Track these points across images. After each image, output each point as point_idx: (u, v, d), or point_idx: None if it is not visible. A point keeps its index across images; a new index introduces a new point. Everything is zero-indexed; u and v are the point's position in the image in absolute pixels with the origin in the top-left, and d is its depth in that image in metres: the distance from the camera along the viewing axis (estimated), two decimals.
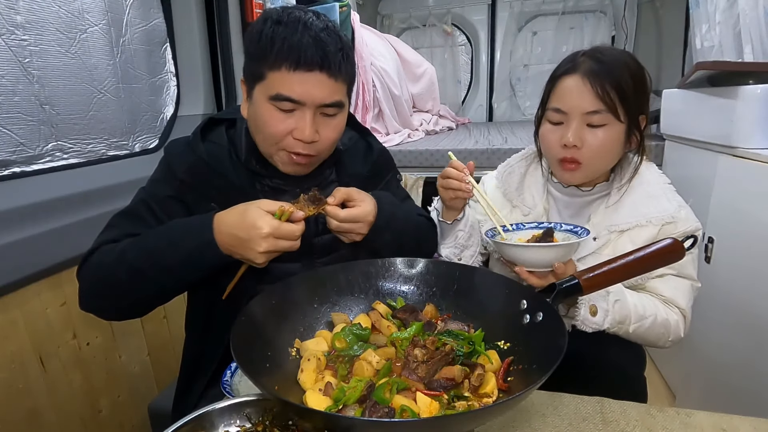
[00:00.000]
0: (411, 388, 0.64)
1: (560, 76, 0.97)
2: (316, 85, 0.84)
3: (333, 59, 0.84)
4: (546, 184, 1.09)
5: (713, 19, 1.73)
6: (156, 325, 1.62)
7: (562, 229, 0.97)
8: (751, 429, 0.70)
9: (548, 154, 1.02)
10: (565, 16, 3.84)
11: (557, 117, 0.96)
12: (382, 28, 4.17)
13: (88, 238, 0.91)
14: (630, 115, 0.93)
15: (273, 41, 0.83)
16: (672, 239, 0.77)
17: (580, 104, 0.93)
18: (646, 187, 0.99)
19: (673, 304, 0.96)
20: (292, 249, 0.80)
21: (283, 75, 0.83)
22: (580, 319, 0.87)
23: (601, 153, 0.94)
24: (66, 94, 1.36)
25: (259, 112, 0.87)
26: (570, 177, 0.99)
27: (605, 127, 0.93)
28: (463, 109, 4.29)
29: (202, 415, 0.61)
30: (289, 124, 0.86)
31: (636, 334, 0.92)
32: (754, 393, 1.34)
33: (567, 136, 0.93)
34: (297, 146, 0.88)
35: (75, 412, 1.32)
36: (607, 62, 0.92)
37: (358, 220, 0.88)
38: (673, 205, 0.96)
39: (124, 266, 0.82)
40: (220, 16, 1.82)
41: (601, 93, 0.91)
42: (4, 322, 1.14)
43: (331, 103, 0.87)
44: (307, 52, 0.82)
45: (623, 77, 0.91)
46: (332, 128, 0.90)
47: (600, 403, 0.76)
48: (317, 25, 0.85)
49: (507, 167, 1.16)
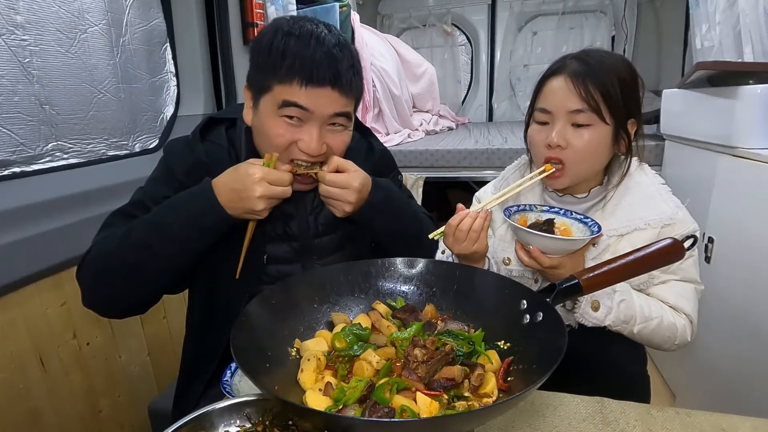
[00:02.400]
0: (411, 388, 0.64)
1: (548, 77, 0.98)
2: (327, 99, 0.84)
3: (345, 76, 0.84)
4: (542, 194, 1.09)
5: (713, 19, 1.73)
6: (156, 325, 1.62)
7: (572, 216, 0.96)
8: (751, 429, 0.70)
9: (535, 155, 1.01)
10: (565, 16, 3.84)
11: (543, 117, 0.97)
12: (382, 28, 4.17)
13: (88, 238, 0.91)
14: (616, 118, 0.93)
15: (284, 55, 0.82)
16: (672, 239, 0.77)
17: (564, 103, 0.93)
18: (641, 189, 0.99)
19: (680, 310, 0.96)
20: (285, 194, 0.85)
21: (293, 89, 0.83)
22: (579, 312, 0.87)
23: (584, 154, 0.94)
24: (66, 94, 1.36)
25: (265, 123, 0.87)
26: (555, 183, 0.98)
27: (590, 127, 0.92)
28: (463, 109, 4.29)
29: (202, 415, 0.61)
30: (295, 134, 0.86)
31: (641, 335, 0.92)
32: (754, 393, 1.34)
33: (551, 135, 0.94)
34: (301, 156, 0.88)
35: (75, 412, 1.32)
36: (592, 64, 0.92)
37: (344, 186, 0.89)
38: (671, 207, 0.96)
39: (128, 247, 0.83)
40: (220, 16, 1.82)
41: (584, 94, 0.91)
42: (4, 322, 1.14)
43: (340, 113, 0.87)
44: (320, 70, 0.82)
45: (608, 79, 0.91)
46: (340, 140, 0.91)
47: (600, 403, 0.76)
48: (330, 40, 0.84)
49: (502, 180, 1.15)
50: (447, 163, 2.44)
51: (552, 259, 0.88)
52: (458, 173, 2.46)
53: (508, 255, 1.04)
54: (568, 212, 0.97)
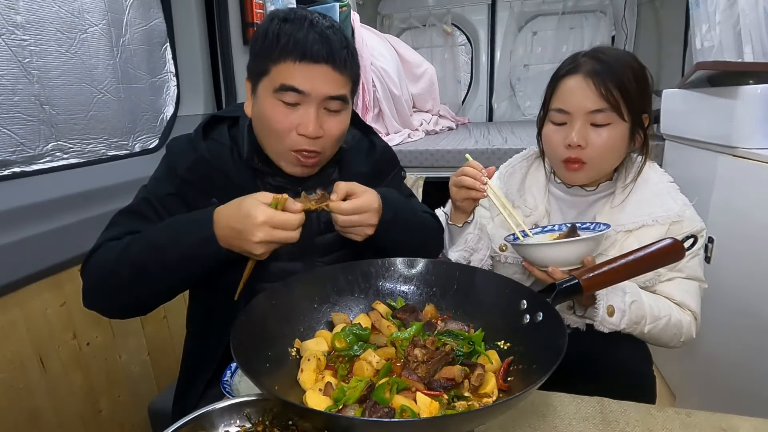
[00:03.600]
0: (411, 388, 0.64)
1: (562, 77, 0.97)
2: (321, 77, 0.85)
3: (338, 54, 0.85)
4: (547, 185, 1.09)
5: (713, 19, 1.73)
6: (156, 325, 1.62)
7: (582, 227, 0.96)
8: (751, 429, 0.70)
9: (552, 155, 1.01)
10: (565, 16, 3.84)
11: (560, 117, 0.96)
12: (382, 28, 4.17)
13: (88, 238, 0.90)
14: (633, 114, 0.93)
15: (279, 36, 0.83)
16: (672, 239, 0.77)
17: (583, 104, 0.93)
18: (650, 186, 0.99)
19: (685, 307, 0.96)
20: (290, 240, 0.76)
21: (288, 67, 0.83)
22: (598, 320, 0.87)
23: (605, 152, 0.94)
24: (66, 94, 1.36)
25: (263, 107, 0.87)
26: (574, 177, 0.99)
27: (609, 126, 0.93)
28: (463, 109, 4.29)
29: (202, 415, 0.61)
30: (293, 119, 0.86)
31: (650, 334, 0.92)
32: (754, 393, 1.34)
33: (571, 136, 0.93)
34: (302, 143, 0.87)
35: (75, 412, 1.32)
36: (609, 62, 0.92)
37: (364, 210, 0.84)
38: (678, 204, 0.96)
39: (126, 263, 0.82)
40: (220, 16, 1.82)
41: (605, 92, 0.91)
42: (4, 322, 1.14)
43: (335, 96, 0.87)
44: (314, 46, 0.83)
45: (626, 76, 0.91)
46: (337, 123, 0.90)
47: (600, 403, 0.76)
48: (323, 23, 0.86)
49: (509, 167, 1.16)
50: (447, 163, 2.45)
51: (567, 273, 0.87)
52: None
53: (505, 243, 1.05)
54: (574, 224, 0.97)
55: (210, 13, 1.82)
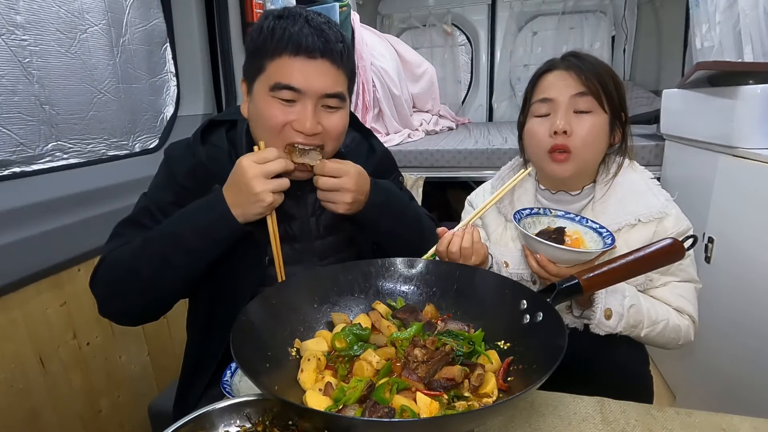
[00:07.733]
0: (411, 388, 0.64)
1: (542, 74, 1.00)
2: (318, 72, 0.84)
3: (334, 48, 0.85)
4: (536, 193, 1.08)
5: (713, 19, 1.73)
6: (156, 325, 1.62)
7: (586, 224, 0.95)
8: (751, 429, 0.70)
9: (537, 149, 1.00)
10: (565, 16, 3.84)
11: (544, 108, 0.97)
12: (382, 28, 4.17)
13: (88, 238, 0.91)
14: (612, 107, 0.96)
15: (273, 31, 0.83)
16: (672, 239, 0.77)
17: (565, 90, 0.95)
18: (630, 184, 1.00)
19: (683, 312, 0.96)
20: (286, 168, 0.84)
21: (284, 62, 0.83)
22: (595, 323, 0.87)
23: (589, 139, 0.95)
24: (66, 94, 1.36)
25: (259, 105, 0.87)
26: (561, 170, 0.97)
27: (591, 114, 0.95)
28: (463, 109, 4.29)
29: (202, 415, 0.61)
30: (289, 114, 0.86)
31: (648, 338, 0.92)
32: (754, 393, 1.34)
33: (556, 122, 0.94)
34: (296, 137, 0.87)
35: (75, 412, 1.32)
36: (587, 59, 0.97)
37: (343, 173, 0.88)
38: (660, 200, 0.97)
39: (143, 259, 0.83)
40: (220, 16, 1.82)
41: (585, 80, 0.94)
42: (4, 322, 1.14)
43: (332, 94, 0.87)
44: (309, 39, 0.83)
45: (603, 70, 0.96)
46: (337, 120, 0.90)
47: (600, 403, 0.76)
48: (318, 19, 0.86)
49: (498, 179, 1.15)
50: (447, 163, 2.45)
51: (560, 268, 0.88)
52: (458, 173, 2.46)
53: (506, 259, 1.04)
54: (584, 219, 0.96)
55: (210, 13, 1.83)
